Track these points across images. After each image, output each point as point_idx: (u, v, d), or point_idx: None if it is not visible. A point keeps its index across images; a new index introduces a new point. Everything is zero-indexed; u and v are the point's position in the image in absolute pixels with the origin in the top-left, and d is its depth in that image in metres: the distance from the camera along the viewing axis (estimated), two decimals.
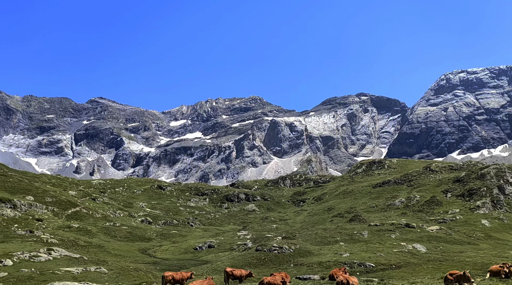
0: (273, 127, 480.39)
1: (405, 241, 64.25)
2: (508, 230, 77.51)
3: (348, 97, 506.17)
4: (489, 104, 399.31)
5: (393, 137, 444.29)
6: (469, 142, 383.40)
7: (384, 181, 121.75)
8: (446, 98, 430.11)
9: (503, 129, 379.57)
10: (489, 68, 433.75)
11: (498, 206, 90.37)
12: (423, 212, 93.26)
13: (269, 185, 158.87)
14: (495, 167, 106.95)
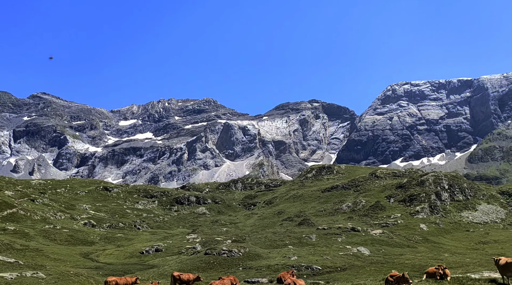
0: (226, 130, 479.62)
1: (350, 245, 66.48)
2: (443, 234, 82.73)
3: (300, 103, 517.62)
4: (430, 115, 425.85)
5: (342, 144, 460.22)
6: (411, 151, 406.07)
7: (332, 186, 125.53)
8: (392, 108, 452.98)
9: (441, 139, 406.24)
10: (430, 81, 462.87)
11: (435, 211, 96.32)
12: (368, 216, 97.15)
13: (220, 188, 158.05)
14: (433, 174, 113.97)
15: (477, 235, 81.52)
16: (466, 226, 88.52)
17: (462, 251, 65.83)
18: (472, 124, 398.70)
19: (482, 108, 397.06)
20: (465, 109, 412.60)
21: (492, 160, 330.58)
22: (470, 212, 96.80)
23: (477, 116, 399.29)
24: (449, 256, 58.04)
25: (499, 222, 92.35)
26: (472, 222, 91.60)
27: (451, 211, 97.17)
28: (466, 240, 77.44)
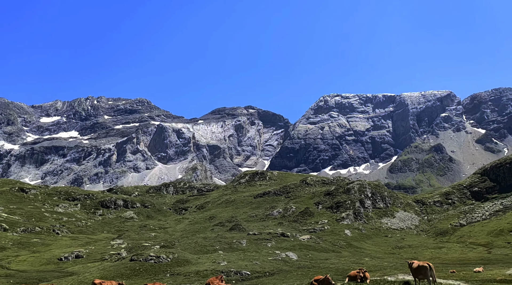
0: (159, 132, 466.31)
1: (279, 250, 67.76)
2: (365, 239, 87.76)
3: (237, 108, 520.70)
4: (357, 127, 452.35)
5: (276, 151, 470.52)
6: (339, 160, 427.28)
7: (265, 192, 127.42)
8: (323, 118, 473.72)
9: (366, 149, 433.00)
10: (358, 94, 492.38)
11: (359, 217, 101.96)
12: (297, 222, 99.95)
13: (151, 191, 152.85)
14: (359, 183, 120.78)
15: (394, 240, 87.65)
16: (385, 232, 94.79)
17: (381, 255, 70.26)
18: (394, 137, 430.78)
19: (403, 122, 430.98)
20: (388, 122, 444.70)
21: (409, 171, 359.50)
22: (389, 219, 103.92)
23: (398, 129, 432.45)
24: (370, 260, 61.58)
25: (413, 228, 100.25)
26: (390, 228, 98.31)
27: (372, 217, 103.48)
28: (385, 245, 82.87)
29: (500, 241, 76.26)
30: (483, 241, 78.68)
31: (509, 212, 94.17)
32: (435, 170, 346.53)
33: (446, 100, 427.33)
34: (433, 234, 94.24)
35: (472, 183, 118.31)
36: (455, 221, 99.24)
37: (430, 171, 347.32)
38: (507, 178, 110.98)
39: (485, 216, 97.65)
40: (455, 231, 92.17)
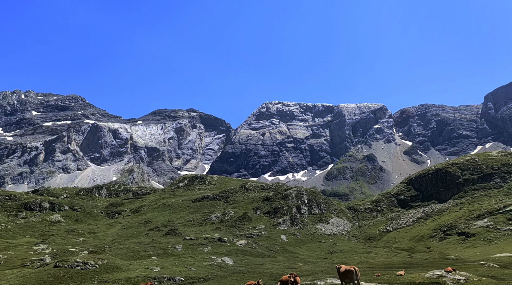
0: (94, 132, 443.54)
1: (216, 255, 67.21)
2: (300, 244, 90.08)
3: (178, 111, 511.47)
4: (297, 134, 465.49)
5: (216, 155, 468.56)
6: (279, 166, 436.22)
7: (203, 196, 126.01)
8: (265, 125, 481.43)
9: (305, 157, 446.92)
10: (299, 103, 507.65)
11: (295, 223, 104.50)
12: (235, 227, 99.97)
13: (81, 194, 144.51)
14: (296, 189, 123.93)
15: (327, 245, 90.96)
16: (319, 237, 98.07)
17: (314, 260, 72.49)
18: (331, 146, 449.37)
19: (339, 132, 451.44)
20: (326, 131, 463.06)
21: (344, 179, 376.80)
22: (324, 225, 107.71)
23: (335, 138, 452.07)
24: (303, 265, 63.23)
25: (345, 234, 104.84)
26: (324, 234, 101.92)
27: (308, 223, 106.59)
28: (318, 250, 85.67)
29: (421, 246, 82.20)
30: (406, 246, 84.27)
31: (429, 219, 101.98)
32: (367, 179, 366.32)
33: (379, 113, 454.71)
34: (362, 239, 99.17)
35: (399, 191, 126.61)
36: (383, 227, 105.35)
37: (363, 179, 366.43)
38: (428, 187, 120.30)
39: (409, 223, 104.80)
40: (382, 237, 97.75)
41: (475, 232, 79.77)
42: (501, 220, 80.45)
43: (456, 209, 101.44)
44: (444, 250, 75.47)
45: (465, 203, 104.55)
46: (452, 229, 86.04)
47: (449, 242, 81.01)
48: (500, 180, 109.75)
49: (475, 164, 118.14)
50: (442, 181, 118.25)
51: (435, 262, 59.72)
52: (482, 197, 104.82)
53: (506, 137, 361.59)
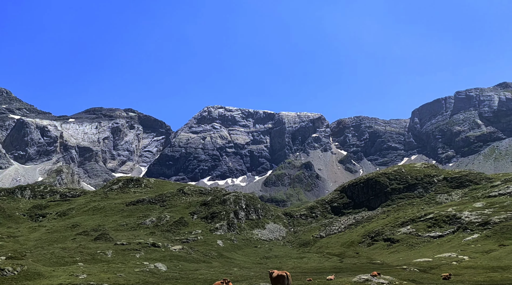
0: (19, 128, 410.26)
1: (148, 261, 64.91)
2: (236, 249, 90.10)
3: (115, 110, 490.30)
4: (238, 140, 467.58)
5: (154, 158, 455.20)
6: (218, 171, 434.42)
7: (139, 200, 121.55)
8: (206, 129, 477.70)
9: (245, 162, 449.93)
10: (241, 109, 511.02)
11: (232, 228, 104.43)
12: (170, 232, 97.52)
13: (1, 194, 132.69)
14: (235, 194, 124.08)
15: (263, 250, 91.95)
16: (255, 243, 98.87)
17: (249, 266, 72.82)
18: (271, 152, 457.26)
19: (279, 139, 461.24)
20: (266, 138, 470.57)
21: (282, 185, 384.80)
22: (260, 230, 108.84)
23: (275, 145, 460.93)
24: (238, 270, 63.22)
25: (280, 239, 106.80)
26: (260, 239, 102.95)
27: (245, 228, 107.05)
28: (254, 255, 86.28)
29: (351, 252, 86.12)
30: (337, 252, 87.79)
31: (359, 225, 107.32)
32: (304, 186, 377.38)
33: (318, 122, 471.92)
34: (297, 245, 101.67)
35: (333, 199, 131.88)
36: (317, 233, 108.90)
37: (300, 186, 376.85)
38: (360, 195, 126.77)
39: (340, 229, 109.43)
40: (315, 242, 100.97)
41: (399, 238, 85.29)
42: (422, 227, 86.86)
43: (384, 217, 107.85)
44: (372, 255, 79.68)
45: (391, 211, 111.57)
46: (379, 235, 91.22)
47: (376, 247, 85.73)
48: (423, 190, 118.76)
49: (402, 175, 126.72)
50: (372, 189, 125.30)
51: (363, 266, 62.80)
52: (406, 205, 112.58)
53: (429, 150, 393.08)
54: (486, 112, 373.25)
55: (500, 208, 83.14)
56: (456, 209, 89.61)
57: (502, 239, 68.96)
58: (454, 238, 77.20)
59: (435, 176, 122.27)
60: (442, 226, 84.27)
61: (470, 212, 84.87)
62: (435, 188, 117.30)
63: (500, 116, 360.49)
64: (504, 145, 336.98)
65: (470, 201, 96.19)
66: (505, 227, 72.92)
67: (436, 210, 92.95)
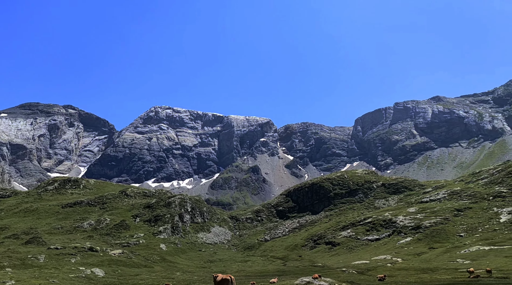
0: None
1: (85, 266, 61.64)
2: (180, 253, 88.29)
3: (53, 106, 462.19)
4: (185, 142, 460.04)
5: (95, 157, 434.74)
6: (164, 173, 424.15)
7: (76, 201, 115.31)
8: (152, 129, 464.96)
9: (192, 165, 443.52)
10: (190, 110, 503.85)
11: (176, 231, 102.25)
12: (110, 235, 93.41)
13: None
14: (180, 197, 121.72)
15: (207, 254, 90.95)
16: (200, 246, 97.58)
17: (193, 270, 71.65)
18: (218, 155, 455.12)
19: (227, 142, 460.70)
20: (214, 141, 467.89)
21: (228, 189, 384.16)
22: (205, 234, 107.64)
23: (223, 148, 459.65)
24: (181, 275, 61.92)
25: (225, 243, 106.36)
26: (205, 243, 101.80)
27: (190, 232, 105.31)
28: (198, 259, 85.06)
29: (294, 255, 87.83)
30: (281, 255, 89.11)
31: (303, 229, 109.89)
32: (251, 189, 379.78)
33: (266, 127, 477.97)
34: (242, 248, 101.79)
35: (279, 203, 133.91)
36: (262, 237, 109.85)
37: (247, 189, 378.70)
38: (304, 200, 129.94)
39: (285, 232, 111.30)
40: (260, 246, 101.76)
41: (340, 241, 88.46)
42: (361, 231, 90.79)
43: (326, 220, 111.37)
44: (314, 258, 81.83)
45: (334, 215, 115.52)
46: (321, 238, 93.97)
47: (318, 250, 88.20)
48: (363, 195, 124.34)
49: (344, 180, 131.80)
50: (317, 194, 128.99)
51: (305, 269, 64.24)
52: (347, 210, 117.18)
53: (369, 157, 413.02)
54: (421, 123, 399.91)
55: (431, 213, 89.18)
56: (392, 213, 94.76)
57: (432, 242, 73.95)
58: (389, 241, 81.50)
59: (374, 182, 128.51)
60: (379, 229, 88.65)
61: (404, 216, 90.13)
62: (374, 194, 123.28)
63: (433, 127, 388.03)
64: (435, 154, 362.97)
65: (405, 206, 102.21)
66: (435, 231, 78.30)
67: (374, 215, 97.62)
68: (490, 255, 57.50)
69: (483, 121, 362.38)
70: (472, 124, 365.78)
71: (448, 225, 79.98)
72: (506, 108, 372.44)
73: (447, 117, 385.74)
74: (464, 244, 68.13)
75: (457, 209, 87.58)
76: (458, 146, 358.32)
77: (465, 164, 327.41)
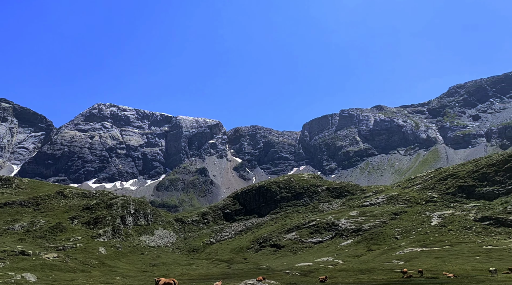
0: None
1: (15, 271, 57.19)
2: (120, 257, 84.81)
3: None
4: (131, 141, 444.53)
5: (30, 155, 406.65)
6: (106, 173, 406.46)
7: (7, 202, 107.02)
8: (95, 127, 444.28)
9: (137, 165, 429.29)
10: (136, 109, 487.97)
11: (117, 234, 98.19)
12: (44, 238, 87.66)
13: None
14: (123, 198, 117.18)
15: (149, 258, 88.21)
16: (142, 250, 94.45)
17: (134, 274, 69.07)
18: (165, 156, 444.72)
19: (175, 143, 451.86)
20: (162, 141, 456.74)
21: (175, 190, 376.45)
22: (148, 236, 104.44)
23: (170, 149, 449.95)
24: (120, 279, 59.41)
25: (169, 246, 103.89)
26: (148, 246, 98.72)
27: (132, 235, 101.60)
28: (140, 263, 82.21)
29: (239, 257, 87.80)
30: (226, 258, 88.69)
31: (249, 232, 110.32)
32: (198, 191, 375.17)
33: (215, 128, 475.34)
34: (186, 251, 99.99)
35: (225, 205, 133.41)
36: (207, 239, 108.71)
37: (193, 192, 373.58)
38: (251, 202, 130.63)
39: (231, 235, 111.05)
40: (205, 249, 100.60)
41: (285, 244, 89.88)
42: (305, 233, 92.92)
43: (272, 223, 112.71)
44: (259, 261, 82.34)
45: (279, 218, 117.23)
46: (267, 241, 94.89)
47: (263, 253, 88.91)
48: (308, 199, 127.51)
49: (291, 184, 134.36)
50: (263, 197, 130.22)
51: (249, 272, 64.40)
52: (293, 213, 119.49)
53: (315, 162, 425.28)
54: (363, 130, 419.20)
55: (371, 216, 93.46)
56: (335, 217, 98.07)
57: (370, 244, 77.44)
58: (332, 243, 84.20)
59: (319, 186, 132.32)
60: (322, 232, 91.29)
61: (346, 220, 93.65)
62: (319, 197, 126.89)
63: (375, 135, 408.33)
64: (376, 160, 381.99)
65: (347, 210, 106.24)
66: (374, 234, 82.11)
67: (318, 218, 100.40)
68: (422, 256, 61.31)
69: (419, 130, 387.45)
70: (409, 132, 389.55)
71: (386, 228, 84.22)
72: (439, 119, 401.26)
73: (388, 125, 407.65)
74: (399, 246, 72.09)
75: (394, 213, 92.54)
76: (396, 153, 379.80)
77: (402, 170, 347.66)
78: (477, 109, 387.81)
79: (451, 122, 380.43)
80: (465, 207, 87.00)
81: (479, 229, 73.96)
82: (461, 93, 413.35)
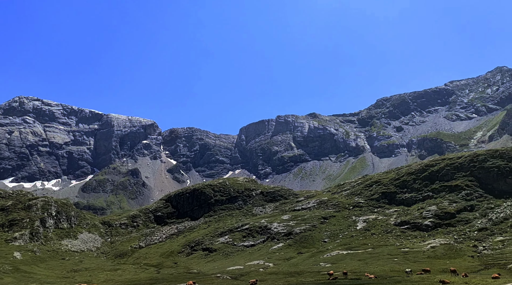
0: None
1: None
2: (38, 262, 78.33)
3: None
4: (55, 139, 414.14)
5: None
6: (26, 171, 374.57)
7: None
8: (15, 122, 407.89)
9: (61, 164, 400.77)
10: (63, 104, 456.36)
11: (36, 238, 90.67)
12: None
13: None
14: (44, 199, 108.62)
15: (71, 263, 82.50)
16: (63, 254, 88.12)
17: (53, 280, 64.13)
18: (94, 156, 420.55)
19: (105, 142, 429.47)
20: (90, 140, 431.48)
21: (103, 192, 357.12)
22: (71, 240, 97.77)
23: (100, 149, 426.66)
24: None
25: (94, 250, 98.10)
26: (70, 250, 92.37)
27: (52, 238, 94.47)
28: (60, 269, 76.55)
29: (169, 262, 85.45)
30: (155, 262, 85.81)
31: (181, 235, 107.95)
32: (128, 193, 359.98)
33: (150, 129, 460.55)
34: (112, 256, 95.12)
35: (157, 208, 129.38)
36: (136, 243, 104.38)
37: (123, 193, 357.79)
38: (185, 205, 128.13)
39: (162, 239, 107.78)
40: (134, 253, 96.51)
41: (217, 247, 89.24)
42: (238, 237, 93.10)
43: (205, 227, 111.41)
44: (190, 265, 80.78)
45: (213, 221, 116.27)
46: (199, 245, 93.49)
47: (195, 257, 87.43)
48: (242, 202, 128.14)
49: (226, 187, 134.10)
50: (197, 200, 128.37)
51: (179, 276, 62.83)
52: (227, 216, 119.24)
53: (251, 166, 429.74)
54: (298, 136, 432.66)
55: (302, 220, 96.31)
56: (268, 220, 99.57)
57: (300, 247, 79.71)
58: (263, 247, 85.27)
59: (254, 190, 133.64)
60: (255, 236, 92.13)
61: (279, 223, 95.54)
62: (253, 201, 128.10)
63: (308, 141, 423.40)
64: (309, 166, 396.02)
65: (280, 214, 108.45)
66: (304, 237, 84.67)
67: (251, 222, 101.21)
68: (347, 258, 64.37)
69: (349, 138, 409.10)
70: (340, 140, 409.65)
71: (315, 232, 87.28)
72: (367, 128, 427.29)
73: (321, 132, 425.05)
74: (327, 249, 75.06)
75: (323, 217, 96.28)
76: (328, 159, 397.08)
77: (332, 176, 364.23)
78: (400, 121, 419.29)
79: (378, 132, 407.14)
80: (387, 212, 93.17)
81: (398, 232, 79.58)
82: (387, 106, 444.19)
